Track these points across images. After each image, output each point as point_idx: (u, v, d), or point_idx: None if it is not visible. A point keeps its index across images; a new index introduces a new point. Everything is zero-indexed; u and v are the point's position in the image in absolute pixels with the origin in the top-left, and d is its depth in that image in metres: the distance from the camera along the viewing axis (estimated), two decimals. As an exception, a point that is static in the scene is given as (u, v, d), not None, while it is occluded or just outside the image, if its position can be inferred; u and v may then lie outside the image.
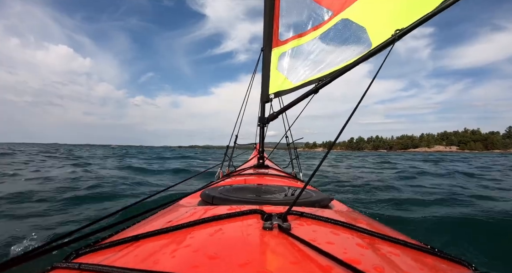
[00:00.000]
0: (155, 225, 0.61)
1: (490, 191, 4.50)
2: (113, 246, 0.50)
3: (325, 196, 0.92)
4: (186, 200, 0.96)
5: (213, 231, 0.52)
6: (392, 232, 0.64)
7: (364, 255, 0.45)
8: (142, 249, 0.47)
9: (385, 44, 1.09)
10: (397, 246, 0.51)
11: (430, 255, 0.51)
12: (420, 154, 42.20)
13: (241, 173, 1.67)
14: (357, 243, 0.50)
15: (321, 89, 1.43)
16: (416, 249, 0.52)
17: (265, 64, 2.10)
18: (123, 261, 0.44)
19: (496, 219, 2.42)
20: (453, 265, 0.49)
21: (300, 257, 0.41)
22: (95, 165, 8.91)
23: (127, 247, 0.49)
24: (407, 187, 4.87)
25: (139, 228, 0.62)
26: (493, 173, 7.83)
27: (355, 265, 0.37)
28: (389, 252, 0.48)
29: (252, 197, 0.86)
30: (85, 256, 0.49)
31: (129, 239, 0.51)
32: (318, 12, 1.64)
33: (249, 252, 0.42)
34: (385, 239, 0.53)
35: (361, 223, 0.62)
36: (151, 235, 0.52)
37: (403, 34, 1.03)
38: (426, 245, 0.56)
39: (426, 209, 3.08)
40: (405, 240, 0.54)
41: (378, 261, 0.44)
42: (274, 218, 0.53)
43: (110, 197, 3.60)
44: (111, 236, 0.61)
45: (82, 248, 0.51)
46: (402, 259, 0.47)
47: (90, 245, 0.53)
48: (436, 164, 11.95)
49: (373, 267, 0.40)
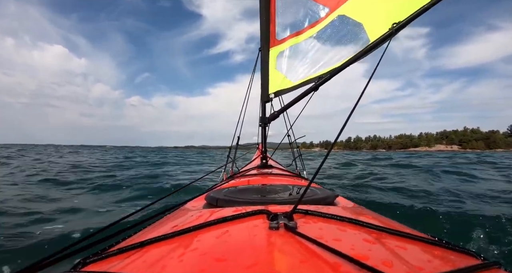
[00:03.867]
0: (161, 230, 0.62)
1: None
2: (120, 253, 0.51)
3: (330, 193, 0.92)
4: (191, 204, 0.96)
5: (219, 233, 0.52)
6: (399, 226, 0.64)
7: (372, 250, 0.45)
8: (150, 255, 0.47)
9: (383, 38, 1.09)
10: (404, 240, 0.51)
11: (438, 247, 0.50)
12: (428, 153, 40.64)
13: (244, 174, 1.67)
14: (364, 239, 0.50)
15: (321, 86, 1.43)
16: (423, 242, 0.51)
17: (263, 64, 2.10)
18: (130, 267, 0.44)
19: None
20: (461, 256, 0.49)
21: (308, 255, 0.41)
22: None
23: (134, 253, 0.49)
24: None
25: (146, 234, 0.62)
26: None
27: (363, 260, 0.37)
28: (397, 246, 0.47)
29: (257, 197, 0.86)
30: (93, 265, 0.49)
31: (135, 245, 0.51)
32: (314, 9, 1.64)
33: (256, 252, 0.42)
34: (392, 233, 0.53)
35: (367, 219, 0.62)
36: (157, 241, 0.52)
37: (401, 28, 1.03)
38: (434, 237, 0.56)
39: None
40: (412, 233, 0.54)
41: (386, 255, 0.43)
42: (280, 218, 0.53)
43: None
44: (118, 243, 0.62)
45: (89, 257, 0.51)
46: (410, 252, 0.46)
47: (98, 253, 0.53)
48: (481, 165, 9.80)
49: (382, 262, 0.39)
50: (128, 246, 0.51)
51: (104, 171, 7.65)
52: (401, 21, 1.02)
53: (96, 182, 5.35)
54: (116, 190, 4.66)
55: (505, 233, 2.29)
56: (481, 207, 3.27)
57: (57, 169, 7.85)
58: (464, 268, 0.39)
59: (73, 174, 6.64)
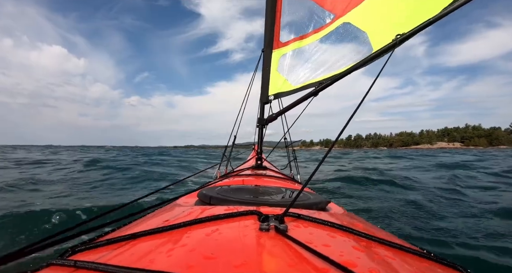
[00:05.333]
0: (151, 224, 0.61)
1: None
2: (109, 244, 0.50)
3: (322, 198, 0.92)
4: (183, 200, 0.96)
5: (209, 231, 0.52)
6: (388, 236, 0.64)
7: (360, 258, 0.45)
8: (138, 248, 0.47)
9: (386, 49, 1.10)
10: (393, 250, 0.51)
11: (426, 259, 0.51)
12: (431, 151, 39.76)
13: (239, 173, 1.67)
14: (353, 246, 0.50)
15: (321, 92, 1.44)
16: (412, 253, 0.52)
17: (265, 65, 2.11)
18: (119, 259, 0.43)
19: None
20: (448, 270, 0.50)
21: (296, 259, 0.41)
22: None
23: (123, 245, 0.49)
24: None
25: (136, 227, 0.62)
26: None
27: (351, 268, 0.37)
28: (385, 256, 0.48)
29: (250, 198, 0.85)
30: (81, 254, 0.49)
31: (125, 237, 0.51)
32: (320, 15, 1.65)
33: (245, 253, 0.42)
34: (382, 243, 0.53)
35: (358, 226, 0.62)
36: (147, 234, 0.52)
37: (404, 40, 1.04)
38: (422, 249, 0.56)
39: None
40: (401, 244, 0.54)
41: (374, 264, 0.44)
42: (271, 220, 0.53)
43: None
44: (107, 234, 0.61)
45: (78, 246, 0.51)
46: (398, 262, 0.47)
47: (86, 242, 0.53)
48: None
49: (369, 270, 0.40)
50: (118, 238, 0.51)
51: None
52: (405, 33, 1.03)
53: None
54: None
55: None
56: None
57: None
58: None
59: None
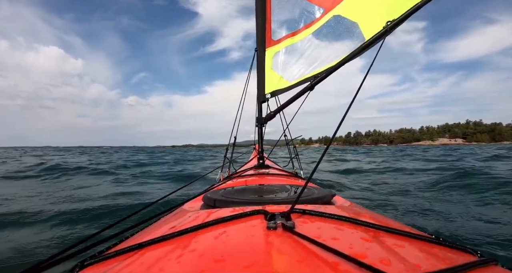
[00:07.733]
0: (159, 231, 0.61)
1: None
2: (117, 255, 0.50)
3: (327, 192, 0.92)
4: (189, 205, 0.96)
5: (217, 234, 0.51)
6: (396, 224, 0.64)
7: (370, 249, 0.45)
8: (147, 257, 0.47)
9: (377, 37, 1.10)
10: (402, 238, 0.51)
11: (435, 244, 0.51)
12: (435, 147, 38.43)
13: (241, 174, 1.67)
14: (362, 237, 0.50)
15: (316, 85, 1.43)
16: (421, 240, 0.51)
17: (259, 64, 2.11)
18: (128, 270, 0.43)
19: None
20: (459, 253, 0.49)
21: (306, 254, 0.41)
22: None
23: (132, 255, 0.49)
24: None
25: (143, 236, 0.62)
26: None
27: (361, 259, 0.37)
28: (395, 244, 0.48)
29: (255, 197, 0.85)
30: (90, 267, 0.49)
31: (133, 247, 0.51)
32: (310, 10, 1.65)
33: (255, 253, 0.42)
34: (390, 232, 0.53)
35: (365, 217, 0.62)
36: (155, 242, 0.52)
37: (395, 26, 1.03)
38: (431, 235, 0.56)
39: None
40: (410, 231, 0.54)
41: (384, 253, 0.43)
42: (277, 218, 0.53)
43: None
44: (115, 245, 0.61)
45: (87, 259, 0.51)
46: (408, 250, 0.46)
47: (95, 255, 0.53)
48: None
49: (380, 260, 0.39)
50: (126, 248, 0.51)
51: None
52: (395, 19, 1.03)
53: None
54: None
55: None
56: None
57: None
58: (462, 265, 0.39)
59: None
